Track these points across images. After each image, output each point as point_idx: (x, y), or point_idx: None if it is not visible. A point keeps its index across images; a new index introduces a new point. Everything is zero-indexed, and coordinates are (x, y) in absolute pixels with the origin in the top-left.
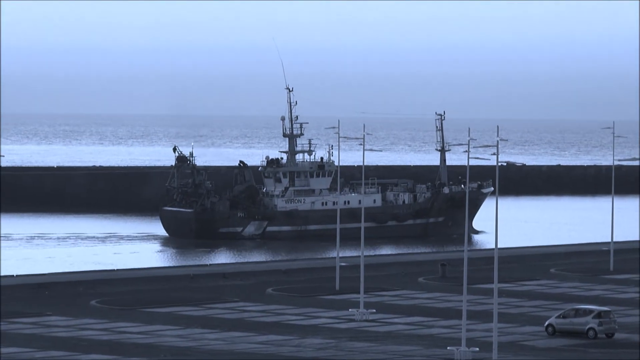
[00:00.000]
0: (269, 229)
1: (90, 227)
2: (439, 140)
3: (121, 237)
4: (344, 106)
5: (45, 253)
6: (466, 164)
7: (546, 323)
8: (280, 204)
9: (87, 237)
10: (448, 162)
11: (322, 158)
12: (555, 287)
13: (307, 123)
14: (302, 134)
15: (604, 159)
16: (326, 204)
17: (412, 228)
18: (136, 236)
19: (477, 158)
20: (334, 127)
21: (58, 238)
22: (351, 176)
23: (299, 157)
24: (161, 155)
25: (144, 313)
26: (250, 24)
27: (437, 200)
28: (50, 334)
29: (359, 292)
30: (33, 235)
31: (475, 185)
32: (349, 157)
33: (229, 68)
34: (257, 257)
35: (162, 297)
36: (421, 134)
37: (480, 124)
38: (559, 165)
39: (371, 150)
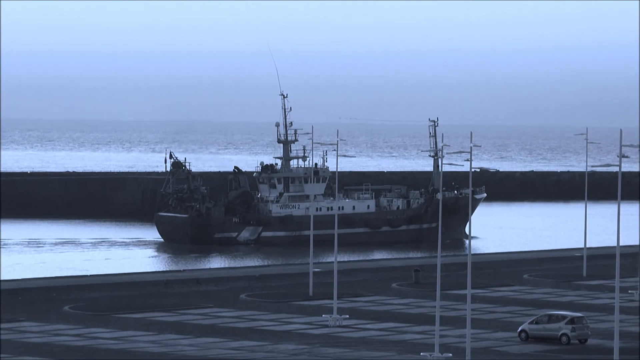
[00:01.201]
0: (264, 234)
1: (63, 232)
2: (432, 146)
3: (113, 243)
4: (339, 112)
5: (17, 259)
6: (440, 171)
7: (519, 329)
8: (275, 210)
9: (61, 242)
10: (420, 169)
11: (316, 164)
12: (528, 293)
13: (302, 129)
14: (296, 140)
15: (579, 165)
16: (321, 210)
17: (406, 234)
18: (130, 241)
19: (451, 164)
20: (307, 133)
21: (29, 243)
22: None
23: (293, 162)
24: (137, 161)
25: (118, 319)
26: (244, 28)
27: (431, 206)
28: (23, 339)
29: (332, 298)
30: (5, 240)
31: (468, 191)
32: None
33: (222, 73)
34: (231, 262)
35: (135, 302)
36: (413, 140)
37: (470, 129)
38: (532, 172)
39: (344, 156)
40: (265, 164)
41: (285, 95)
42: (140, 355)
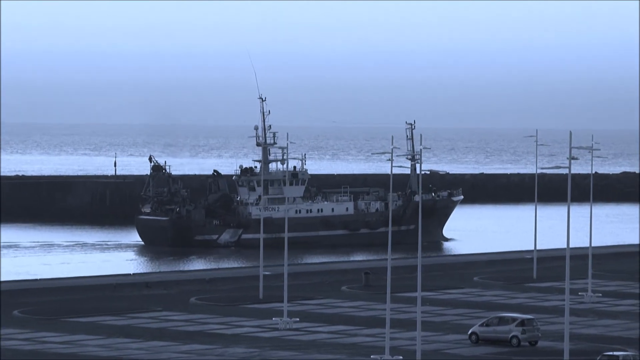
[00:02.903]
0: (244, 236)
1: (11, 236)
2: (409, 149)
3: (59, 246)
4: (318, 115)
5: None
6: (389, 173)
7: (470, 331)
8: (255, 212)
9: (9, 246)
10: (374, 171)
11: (295, 167)
12: (478, 295)
13: (278, 132)
14: (275, 143)
15: (528, 168)
16: (300, 212)
17: (384, 236)
18: (74, 245)
19: (401, 167)
20: (254, 136)
21: None
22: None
23: (272, 166)
24: (87, 165)
25: (67, 323)
26: (222, 30)
27: (409, 208)
28: None
29: (282, 301)
30: None
31: (445, 193)
32: (322, 166)
33: (201, 75)
34: (181, 266)
35: (85, 306)
36: (386, 142)
37: (449, 132)
38: (482, 174)
39: (294, 158)
40: (244, 167)
41: (264, 99)
42: (90, 359)
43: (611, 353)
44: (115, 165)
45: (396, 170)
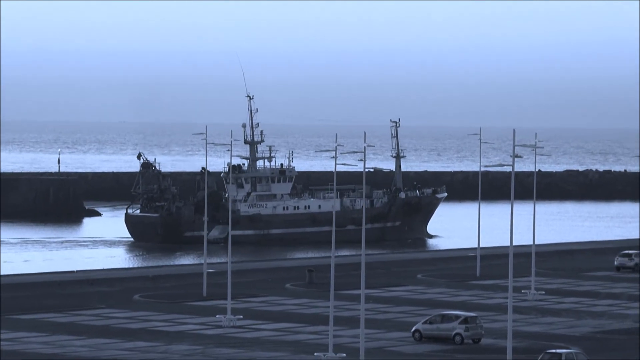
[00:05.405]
0: (233, 233)
1: None
2: (394, 147)
3: (35, 243)
4: (308, 114)
5: None
6: (333, 170)
7: (413, 329)
8: (243, 209)
9: None
10: (318, 169)
11: (282, 164)
12: (422, 292)
13: (265, 131)
14: (262, 141)
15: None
16: (287, 209)
17: (370, 232)
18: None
19: (345, 164)
20: (201, 133)
21: None
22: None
23: (259, 163)
24: (34, 162)
25: (9, 320)
26: (209, 29)
27: (395, 205)
28: None
29: (226, 299)
30: None
31: (430, 190)
32: (306, 164)
33: (187, 73)
34: (124, 263)
35: (28, 303)
36: (377, 141)
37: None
38: (426, 172)
39: (239, 156)
40: (232, 164)
41: (252, 97)
42: (33, 357)
43: (554, 351)
44: (59, 163)
45: (341, 168)
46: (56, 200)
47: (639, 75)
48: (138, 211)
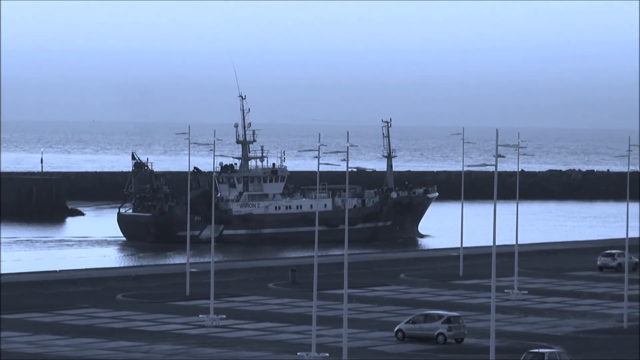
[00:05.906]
0: (225, 232)
1: None
2: (385, 146)
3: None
4: (299, 113)
5: None
6: (316, 170)
7: (396, 328)
8: (236, 209)
9: None
10: (300, 168)
11: (274, 164)
12: (405, 292)
13: (260, 129)
14: (254, 141)
15: (458, 165)
16: (279, 208)
17: (362, 232)
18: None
19: (328, 164)
20: (184, 133)
21: None
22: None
23: (252, 163)
24: (17, 162)
25: None
26: (201, 28)
27: (386, 205)
28: None
29: (209, 298)
30: None
31: (421, 190)
32: (302, 164)
33: (180, 73)
34: (108, 262)
35: (11, 303)
36: (369, 140)
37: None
38: (409, 171)
39: (222, 155)
40: (224, 164)
41: (244, 97)
42: (17, 356)
43: (537, 350)
44: (42, 162)
45: (324, 168)
46: (39, 200)
47: (639, 75)
48: (130, 211)
